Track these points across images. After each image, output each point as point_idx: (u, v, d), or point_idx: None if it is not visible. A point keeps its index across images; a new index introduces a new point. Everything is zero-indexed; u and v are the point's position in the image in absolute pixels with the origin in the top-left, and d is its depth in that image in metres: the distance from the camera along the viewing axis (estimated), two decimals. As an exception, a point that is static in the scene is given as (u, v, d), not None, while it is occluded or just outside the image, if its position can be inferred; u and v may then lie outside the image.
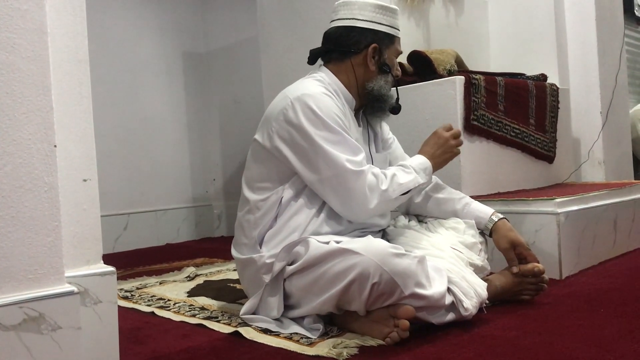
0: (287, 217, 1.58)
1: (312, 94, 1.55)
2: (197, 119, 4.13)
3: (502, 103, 2.46)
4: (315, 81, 1.65)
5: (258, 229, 1.59)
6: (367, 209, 1.54)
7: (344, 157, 1.51)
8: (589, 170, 3.10)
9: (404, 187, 1.58)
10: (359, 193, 1.52)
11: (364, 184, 1.52)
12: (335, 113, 1.55)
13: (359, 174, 1.51)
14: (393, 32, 1.70)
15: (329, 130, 1.52)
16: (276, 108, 1.59)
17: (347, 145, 1.53)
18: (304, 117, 1.52)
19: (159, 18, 3.96)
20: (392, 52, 1.71)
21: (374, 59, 1.68)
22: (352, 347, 1.35)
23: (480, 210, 1.72)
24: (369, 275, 1.35)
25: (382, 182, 1.55)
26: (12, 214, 1.02)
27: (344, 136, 1.54)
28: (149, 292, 2.15)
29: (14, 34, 1.03)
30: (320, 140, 1.51)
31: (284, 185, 1.58)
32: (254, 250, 1.59)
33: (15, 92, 1.03)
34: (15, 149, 1.03)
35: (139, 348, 1.47)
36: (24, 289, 1.03)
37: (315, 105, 1.53)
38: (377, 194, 1.53)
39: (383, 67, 1.69)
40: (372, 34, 1.66)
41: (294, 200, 1.58)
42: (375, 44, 1.66)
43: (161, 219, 3.86)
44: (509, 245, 1.66)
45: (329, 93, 1.60)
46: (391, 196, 1.55)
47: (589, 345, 1.28)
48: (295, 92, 1.57)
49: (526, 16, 3.12)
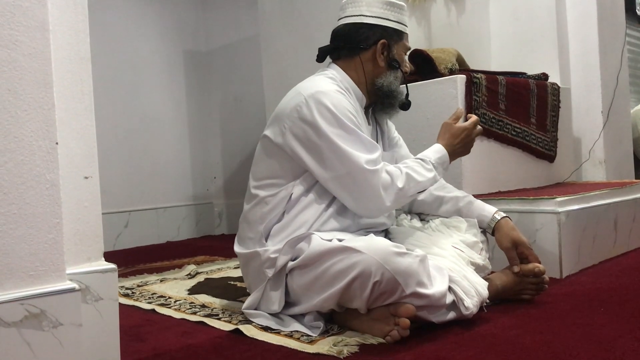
0: (295, 213, 1.58)
1: (326, 92, 1.55)
2: (198, 117, 4.13)
3: (503, 102, 2.45)
4: (328, 79, 1.65)
5: (264, 223, 1.59)
6: (383, 206, 1.55)
7: (359, 155, 1.51)
8: (589, 170, 3.10)
9: (421, 186, 1.58)
10: (374, 191, 1.52)
11: (378, 183, 1.51)
12: (349, 110, 1.55)
13: (374, 173, 1.51)
14: (401, 28, 1.70)
15: (343, 128, 1.52)
16: (289, 105, 1.58)
17: (362, 143, 1.53)
18: (319, 115, 1.52)
19: (161, 16, 3.96)
20: (401, 47, 1.72)
21: (383, 55, 1.68)
22: (352, 345, 1.35)
23: (483, 209, 1.72)
24: (370, 274, 1.35)
25: (397, 179, 1.54)
26: (13, 211, 1.02)
27: (359, 134, 1.53)
28: (150, 289, 2.15)
29: (15, 30, 1.03)
30: (336, 138, 1.51)
31: (294, 181, 1.58)
32: (259, 244, 1.59)
33: (16, 89, 1.03)
34: (17, 146, 1.03)
35: (139, 345, 1.48)
36: (25, 286, 1.03)
37: (330, 103, 1.53)
38: (393, 191, 1.53)
39: (392, 62, 1.69)
40: (381, 30, 1.67)
41: (303, 196, 1.58)
42: (384, 40, 1.67)
43: (162, 217, 3.86)
44: (511, 245, 1.66)
45: (342, 91, 1.60)
46: (407, 194, 1.56)
47: (589, 344, 1.29)
48: (309, 89, 1.57)
49: (527, 15, 3.12)
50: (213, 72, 4.18)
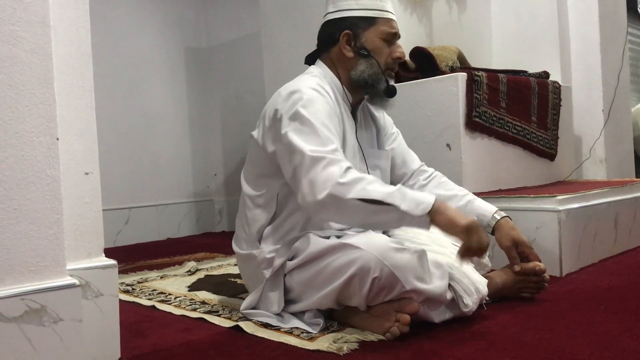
0: (285, 215, 1.58)
1: (299, 89, 1.52)
2: (199, 114, 4.13)
3: (504, 100, 2.45)
4: (310, 77, 1.63)
5: (256, 225, 1.60)
6: (315, 199, 1.37)
7: (307, 146, 1.41)
8: (590, 168, 3.10)
9: (365, 193, 1.35)
10: (310, 179, 1.38)
11: (319, 171, 1.38)
12: (317, 107, 1.49)
13: (317, 160, 1.39)
14: (369, 14, 1.62)
15: (301, 121, 1.45)
16: (269, 105, 1.58)
17: (317, 136, 1.43)
18: (286, 111, 1.49)
19: (162, 13, 3.96)
20: (374, 33, 1.62)
21: (350, 46, 1.63)
22: (352, 341, 1.35)
23: (483, 208, 1.72)
24: (369, 270, 1.35)
25: (343, 176, 1.37)
26: (14, 207, 1.02)
27: (316, 128, 1.44)
28: (150, 286, 2.15)
29: (17, 26, 1.03)
30: (290, 132, 1.45)
31: (279, 181, 1.57)
32: (253, 246, 1.60)
33: (17, 85, 1.03)
34: (18, 142, 1.03)
35: (139, 341, 1.48)
36: (25, 281, 1.04)
37: (298, 99, 1.49)
38: (331, 184, 1.35)
39: (360, 51, 1.63)
40: (343, 22, 1.63)
41: (292, 197, 1.55)
42: (347, 31, 1.63)
43: (162, 214, 3.86)
44: (511, 244, 1.65)
45: (318, 88, 1.56)
46: (345, 194, 1.34)
47: (589, 342, 1.29)
48: (287, 89, 1.56)
49: (529, 13, 3.11)
50: (214, 69, 4.18)
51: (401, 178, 1.83)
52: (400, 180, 1.82)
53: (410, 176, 1.83)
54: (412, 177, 1.83)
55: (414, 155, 1.87)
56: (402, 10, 2.76)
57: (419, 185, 1.81)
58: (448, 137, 2.34)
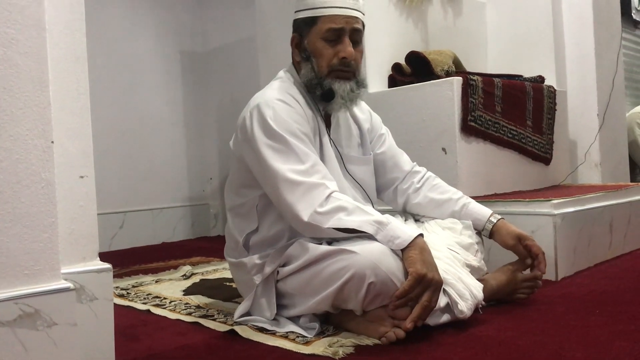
0: (268, 224, 1.58)
1: (267, 101, 1.51)
2: (195, 118, 4.12)
3: (500, 104, 2.46)
4: (279, 82, 1.62)
5: (242, 235, 1.61)
6: (295, 223, 1.44)
7: (283, 167, 1.43)
8: (585, 172, 3.11)
9: (340, 223, 1.39)
10: (289, 204, 1.42)
11: (297, 198, 1.41)
12: (286, 120, 1.48)
13: (295, 185, 1.41)
14: (311, 14, 1.57)
15: (274, 138, 1.46)
16: (241, 116, 1.58)
17: (293, 153, 1.45)
18: (256, 126, 1.49)
19: (157, 16, 3.95)
20: (314, 34, 1.57)
21: (298, 50, 1.64)
22: (348, 346, 1.35)
23: (478, 212, 1.72)
24: (365, 275, 1.35)
25: (323, 204, 1.40)
26: (8, 210, 1.02)
27: (290, 143, 1.45)
28: (145, 290, 2.14)
29: (12, 29, 1.03)
30: (264, 149, 1.46)
31: (258, 192, 1.56)
32: (242, 254, 1.61)
33: (12, 88, 1.03)
34: (12, 145, 1.03)
35: (134, 345, 1.47)
36: (19, 285, 1.03)
37: (266, 113, 1.48)
38: (308, 213, 1.40)
39: (302, 54, 1.63)
40: (295, 25, 1.64)
41: (272, 208, 1.55)
42: (293, 34, 1.64)
43: (157, 218, 3.85)
44: (516, 241, 1.65)
45: (282, 96, 1.54)
46: (322, 222, 1.39)
47: (584, 346, 1.29)
48: (256, 100, 1.56)
49: (524, 18, 3.13)
50: (210, 73, 4.18)
51: (393, 182, 1.82)
52: (393, 184, 1.81)
53: (403, 179, 1.81)
54: (405, 180, 1.81)
55: (405, 157, 1.85)
56: (397, 14, 2.76)
57: (413, 188, 1.79)
58: (443, 141, 2.34)
